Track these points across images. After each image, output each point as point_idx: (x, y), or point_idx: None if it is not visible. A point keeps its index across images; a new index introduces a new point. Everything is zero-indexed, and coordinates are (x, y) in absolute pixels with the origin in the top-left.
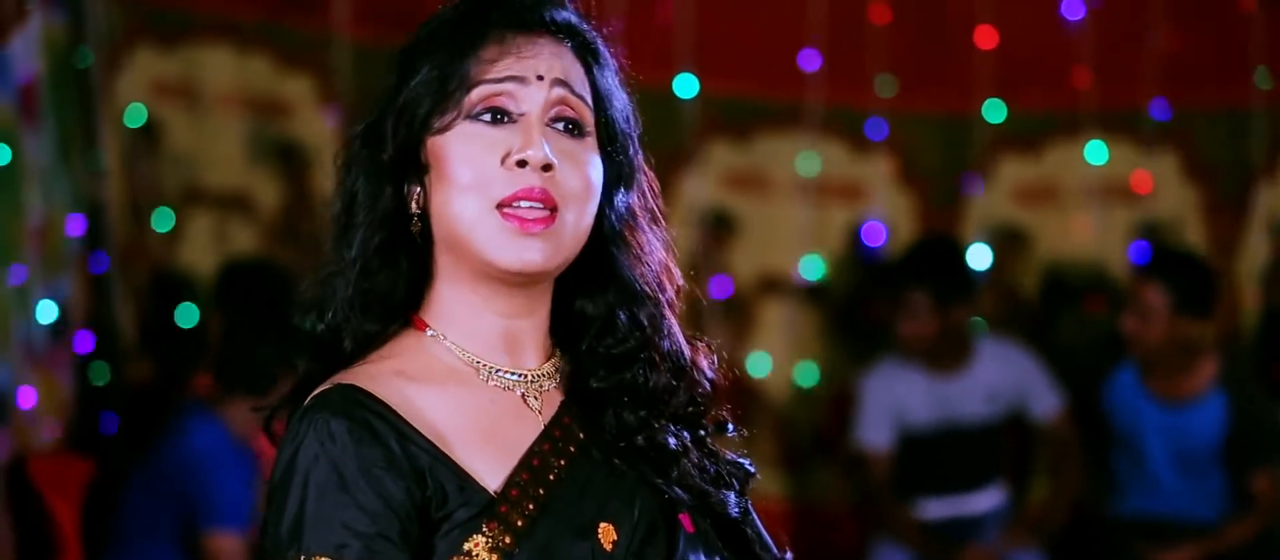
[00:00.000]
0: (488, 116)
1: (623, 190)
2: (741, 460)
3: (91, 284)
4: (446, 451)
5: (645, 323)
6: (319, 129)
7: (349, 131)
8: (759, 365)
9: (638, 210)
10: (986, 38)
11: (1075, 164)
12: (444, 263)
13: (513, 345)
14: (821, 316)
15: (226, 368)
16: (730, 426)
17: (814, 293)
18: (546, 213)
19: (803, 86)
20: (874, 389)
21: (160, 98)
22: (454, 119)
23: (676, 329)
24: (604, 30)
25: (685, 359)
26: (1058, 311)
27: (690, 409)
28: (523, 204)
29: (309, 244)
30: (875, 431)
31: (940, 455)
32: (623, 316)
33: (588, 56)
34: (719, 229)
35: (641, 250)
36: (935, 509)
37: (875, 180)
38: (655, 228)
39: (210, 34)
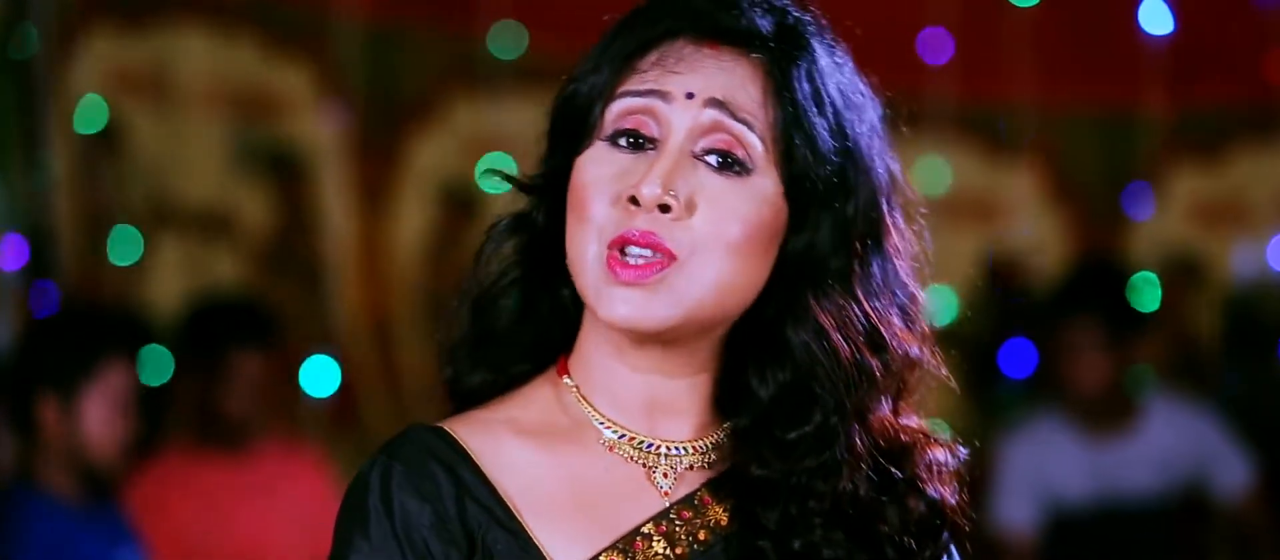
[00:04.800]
0: (624, 140)
1: (815, 240)
2: None
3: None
4: (517, 515)
5: (828, 409)
6: (317, 132)
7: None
8: None
9: (849, 276)
10: (1156, 17)
11: (1268, 174)
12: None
13: (654, 409)
14: (949, 365)
15: None
16: None
17: (941, 335)
18: (656, 259)
19: (926, 77)
20: (1017, 455)
21: (122, 92)
22: (592, 140)
23: (874, 419)
24: (825, 28)
25: (882, 458)
26: (1245, 359)
27: (894, 527)
28: (632, 249)
29: (305, 274)
30: (1018, 507)
31: (1099, 537)
32: (799, 399)
33: (777, 71)
34: None
35: (827, 325)
36: None
37: (1018, 194)
38: (882, 295)
39: (184, 13)
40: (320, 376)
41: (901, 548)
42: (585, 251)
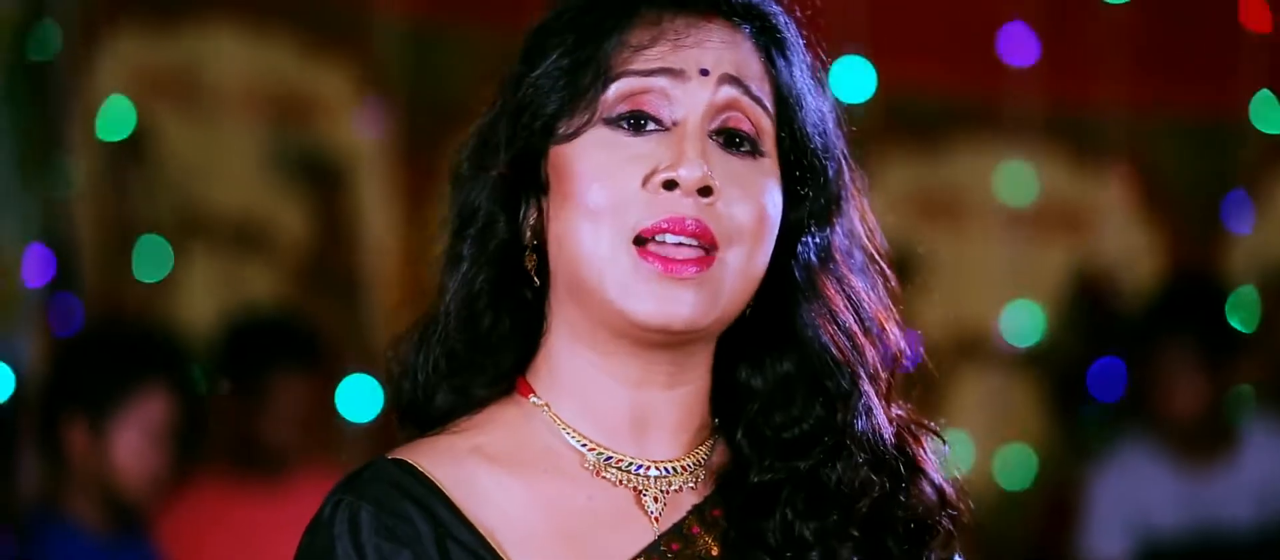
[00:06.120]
0: (630, 122)
1: (815, 222)
2: None
3: (58, 344)
4: (501, 554)
5: (834, 397)
6: (358, 138)
7: (466, 135)
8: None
9: (838, 252)
10: (1257, 15)
11: None
12: (561, 311)
13: (641, 426)
14: (1035, 388)
15: None
16: None
17: (1026, 357)
18: (700, 252)
19: (1009, 79)
20: (1108, 484)
21: (149, 94)
22: (586, 122)
23: (879, 407)
24: (795, 10)
25: (887, 446)
26: None
27: (903, 518)
28: (669, 239)
29: (344, 289)
30: (1108, 539)
31: None
32: (802, 389)
33: (771, 47)
34: (898, 270)
35: (834, 304)
36: None
37: (1107, 205)
38: (865, 275)
39: (216, 10)
40: (361, 399)
41: (908, 540)
42: (597, 244)
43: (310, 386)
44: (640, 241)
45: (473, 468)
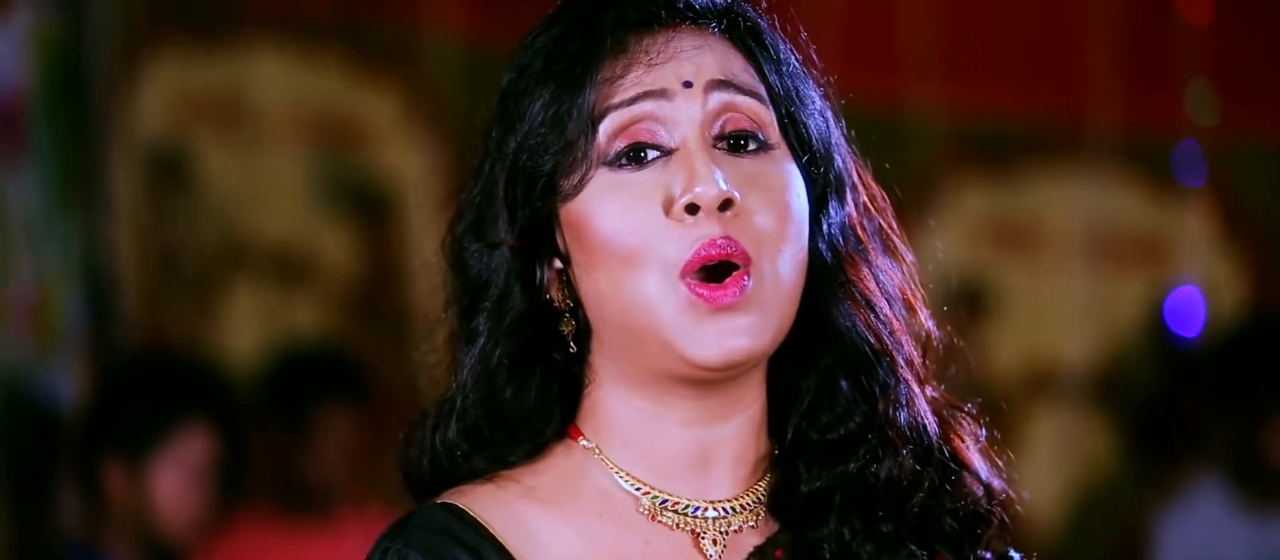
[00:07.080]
0: (629, 157)
1: (834, 207)
2: None
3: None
4: None
5: (874, 389)
6: (408, 165)
7: (455, 202)
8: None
9: (859, 228)
10: None
11: None
12: (607, 364)
13: (701, 465)
14: (1110, 423)
15: None
16: (1014, 555)
17: (1104, 391)
18: (738, 269)
19: (1086, 102)
20: (1177, 526)
21: (192, 119)
22: (587, 172)
23: (919, 396)
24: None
25: (931, 437)
26: None
27: (950, 514)
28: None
29: (393, 323)
30: None
31: None
32: (844, 385)
33: (748, 39)
34: (969, 301)
35: (865, 286)
36: None
37: (1187, 234)
38: (888, 257)
39: (261, 31)
40: None
41: (960, 535)
42: (641, 288)
43: (357, 421)
44: (685, 275)
45: (525, 512)
